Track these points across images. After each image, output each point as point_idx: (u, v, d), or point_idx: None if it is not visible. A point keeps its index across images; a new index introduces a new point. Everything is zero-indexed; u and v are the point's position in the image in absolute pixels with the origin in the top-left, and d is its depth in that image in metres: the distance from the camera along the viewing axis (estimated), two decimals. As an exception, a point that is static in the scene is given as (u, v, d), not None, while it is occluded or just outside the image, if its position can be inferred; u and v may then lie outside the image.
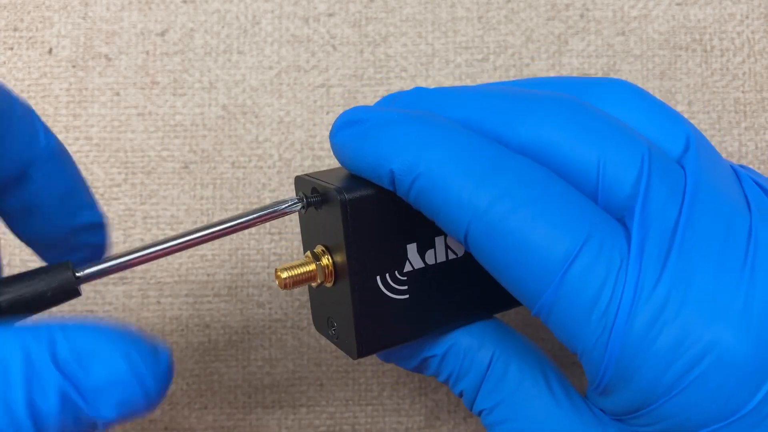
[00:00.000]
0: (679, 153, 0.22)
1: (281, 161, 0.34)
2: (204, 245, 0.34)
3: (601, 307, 0.19)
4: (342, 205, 0.22)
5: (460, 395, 0.25)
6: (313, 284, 0.24)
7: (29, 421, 0.17)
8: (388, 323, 0.24)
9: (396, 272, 0.23)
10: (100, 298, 0.34)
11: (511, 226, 0.19)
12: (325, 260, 0.24)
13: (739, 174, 0.22)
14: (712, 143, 0.35)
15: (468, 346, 0.24)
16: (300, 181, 0.25)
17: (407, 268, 0.23)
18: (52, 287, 0.20)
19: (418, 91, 0.24)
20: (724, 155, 0.35)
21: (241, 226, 0.23)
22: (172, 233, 0.34)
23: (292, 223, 0.34)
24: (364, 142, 0.22)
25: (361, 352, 0.23)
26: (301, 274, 0.24)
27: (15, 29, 0.34)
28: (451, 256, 0.24)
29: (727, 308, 0.19)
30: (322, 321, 0.25)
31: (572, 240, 0.19)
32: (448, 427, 0.34)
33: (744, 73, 0.35)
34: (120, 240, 0.34)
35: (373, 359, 0.34)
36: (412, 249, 0.23)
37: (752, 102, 0.35)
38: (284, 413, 0.34)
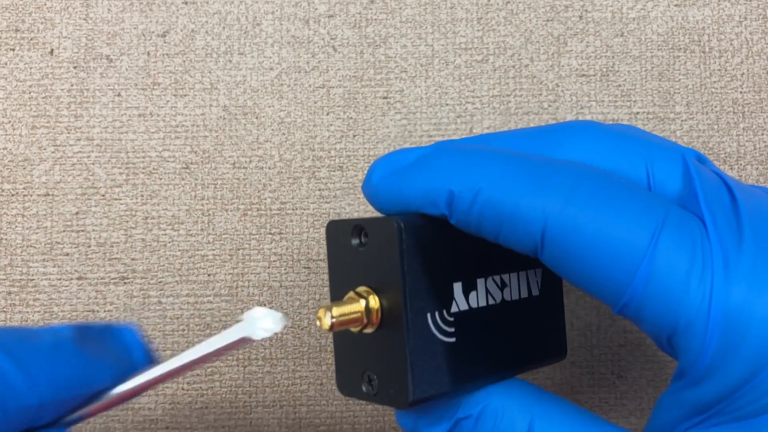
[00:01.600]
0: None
1: (282, 162, 0.34)
2: (204, 245, 0.34)
3: (696, 274, 0.19)
4: (398, 232, 0.21)
5: None
6: (354, 328, 0.23)
7: None
8: (438, 368, 0.22)
9: (444, 311, 0.22)
10: (101, 298, 0.34)
11: (589, 216, 0.20)
12: (373, 301, 0.22)
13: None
14: (711, 144, 0.35)
15: (504, 405, 0.23)
16: (334, 226, 0.24)
17: (454, 308, 0.23)
18: None
19: (446, 142, 0.24)
20: (722, 156, 0.35)
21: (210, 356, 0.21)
22: (173, 233, 0.34)
23: (292, 224, 0.34)
24: (414, 172, 0.22)
25: (416, 396, 0.22)
26: (350, 314, 0.22)
27: (16, 30, 0.35)
28: (491, 301, 0.24)
29: None
30: (354, 377, 0.23)
31: (653, 217, 0.20)
32: (447, 427, 0.34)
33: (742, 74, 0.35)
34: (121, 240, 0.34)
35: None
36: (458, 288, 0.23)
37: (751, 103, 0.35)
38: (285, 412, 0.34)
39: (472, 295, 0.23)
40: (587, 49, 0.35)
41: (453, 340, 0.22)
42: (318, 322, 0.22)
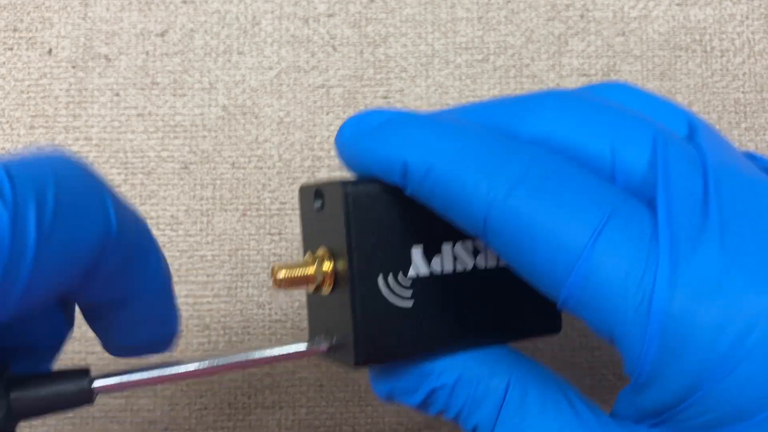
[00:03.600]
0: (685, 136, 0.22)
1: (281, 162, 0.34)
2: (203, 245, 0.34)
3: (635, 277, 0.18)
4: (344, 197, 0.22)
5: None
6: (308, 289, 0.23)
7: None
8: (389, 332, 0.22)
9: (399, 275, 0.22)
10: (99, 299, 0.34)
11: (532, 208, 0.19)
12: (327, 264, 0.23)
13: (751, 155, 0.22)
14: (713, 144, 0.35)
15: (480, 373, 0.22)
16: (304, 191, 0.24)
17: (411, 272, 0.23)
18: (66, 395, 0.21)
19: (409, 112, 0.24)
20: (724, 156, 0.35)
21: (258, 362, 0.23)
22: (172, 234, 0.34)
23: (292, 224, 0.34)
24: (375, 136, 0.22)
25: (360, 359, 0.22)
26: (299, 276, 0.23)
27: (15, 30, 0.34)
28: (459, 267, 0.23)
29: None
30: (320, 337, 0.24)
31: (597, 213, 0.19)
32: (447, 429, 0.34)
33: (744, 74, 0.35)
34: (120, 241, 0.34)
35: (373, 360, 0.34)
36: (417, 252, 0.23)
37: (752, 102, 0.35)
38: (284, 414, 0.34)
39: (436, 260, 0.23)
40: (588, 48, 0.35)
41: (409, 305, 0.22)
42: (271, 279, 0.23)
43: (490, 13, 0.35)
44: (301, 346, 0.23)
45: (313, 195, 0.23)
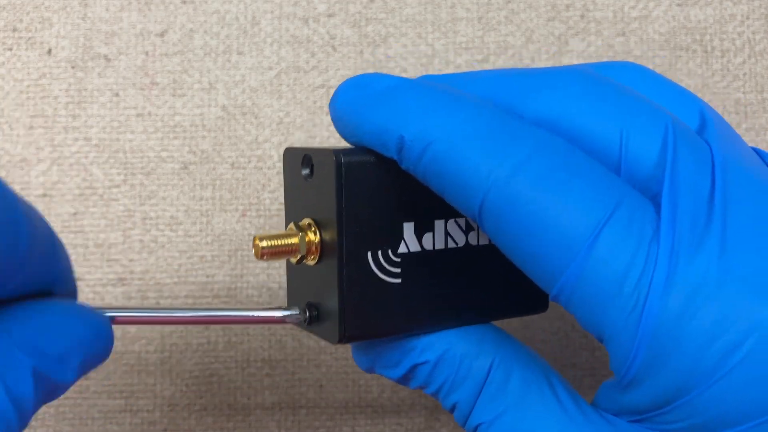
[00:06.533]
0: (696, 129, 0.21)
1: (281, 162, 0.34)
2: (203, 246, 0.34)
3: (632, 280, 0.18)
4: (336, 167, 0.21)
5: (452, 409, 0.23)
6: (293, 259, 0.22)
7: (10, 405, 0.17)
8: (376, 308, 0.22)
9: (389, 251, 0.22)
10: (99, 299, 0.34)
11: (533, 196, 0.18)
12: (312, 234, 0.22)
13: (759, 153, 0.22)
14: (713, 144, 0.35)
15: (464, 352, 0.22)
16: (289, 154, 0.23)
17: (402, 249, 0.22)
18: None
19: (425, 77, 0.23)
20: (724, 156, 0.35)
21: (232, 320, 0.23)
22: (172, 234, 0.34)
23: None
24: (372, 105, 0.21)
25: (344, 335, 0.21)
26: (283, 246, 0.22)
27: (14, 30, 0.34)
28: (451, 244, 0.23)
29: None
30: (299, 307, 0.24)
31: (600, 209, 0.18)
32: (447, 429, 0.34)
33: (745, 74, 0.35)
34: (119, 241, 0.34)
35: (372, 361, 0.34)
36: (408, 228, 0.22)
37: (753, 103, 0.35)
38: (284, 414, 0.34)
39: (427, 236, 0.22)
40: (589, 48, 0.35)
41: (398, 281, 0.22)
42: (253, 250, 0.22)
43: (490, 13, 0.35)
44: (280, 313, 0.23)
45: (301, 161, 0.22)
